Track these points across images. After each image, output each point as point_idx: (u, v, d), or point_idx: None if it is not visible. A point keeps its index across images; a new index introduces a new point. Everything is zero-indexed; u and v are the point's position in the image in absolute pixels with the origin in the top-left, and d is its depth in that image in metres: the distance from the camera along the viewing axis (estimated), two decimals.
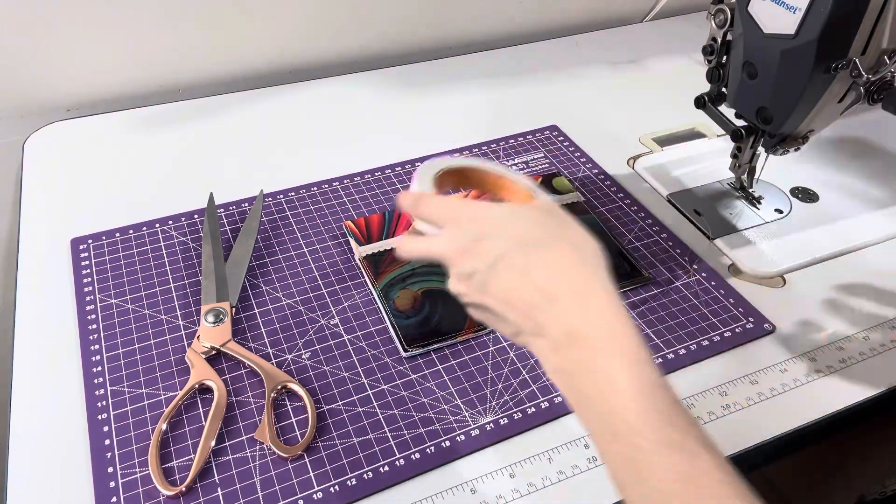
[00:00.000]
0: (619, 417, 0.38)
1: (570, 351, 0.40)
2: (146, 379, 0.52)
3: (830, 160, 0.75)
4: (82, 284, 0.59)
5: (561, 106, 0.85)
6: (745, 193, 0.69)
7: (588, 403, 0.39)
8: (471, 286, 0.43)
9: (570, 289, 0.41)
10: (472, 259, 0.43)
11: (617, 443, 0.38)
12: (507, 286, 0.42)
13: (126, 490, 0.45)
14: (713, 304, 0.58)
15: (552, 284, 0.41)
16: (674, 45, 0.99)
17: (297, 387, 0.51)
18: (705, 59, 0.62)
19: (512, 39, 1.00)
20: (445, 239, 0.45)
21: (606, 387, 0.39)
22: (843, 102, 0.56)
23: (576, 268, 0.42)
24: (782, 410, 0.51)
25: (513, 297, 0.42)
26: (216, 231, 0.62)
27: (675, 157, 0.76)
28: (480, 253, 0.42)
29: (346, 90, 0.87)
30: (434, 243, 0.45)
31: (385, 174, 0.73)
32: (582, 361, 0.39)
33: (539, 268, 0.41)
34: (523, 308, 0.41)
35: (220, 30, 0.84)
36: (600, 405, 0.39)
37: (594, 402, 0.39)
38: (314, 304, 0.58)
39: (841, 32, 0.50)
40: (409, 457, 0.48)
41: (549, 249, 0.42)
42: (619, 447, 0.38)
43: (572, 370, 0.40)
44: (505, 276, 0.42)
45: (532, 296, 0.41)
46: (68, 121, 0.81)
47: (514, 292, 0.42)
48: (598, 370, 0.39)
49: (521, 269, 0.42)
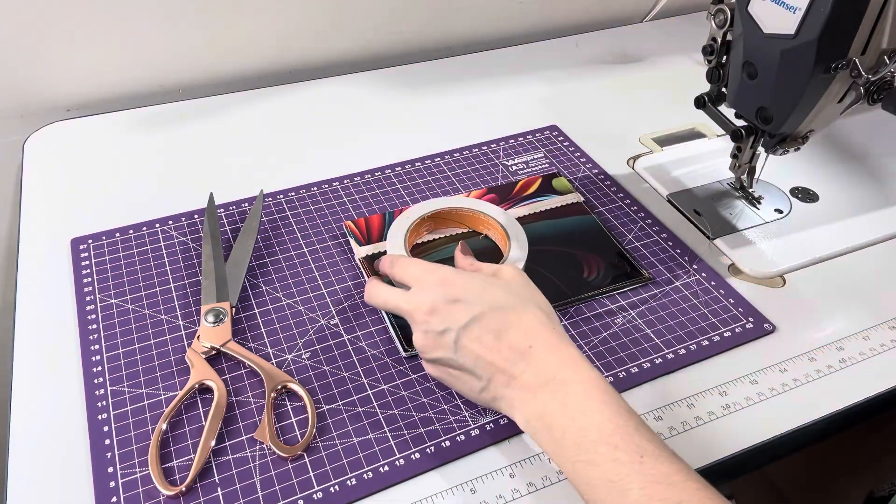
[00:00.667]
0: (596, 441, 0.41)
1: (543, 393, 0.44)
2: (146, 379, 0.52)
3: (830, 160, 0.75)
4: (82, 284, 0.59)
5: (561, 106, 0.85)
6: (745, 193, 0.69)
7: (563, 438, 0.42)
8: (440, 342, 0.47)
9: (543, 343, 0.45)
10: (444, 318, 0.46)
11: (595, 466, 0.40)
12: (482, 344, 0.46)
13: (126, 490, 0.45)
14: (713, 304, 0.58)
15: (525, 341, 0.45)
16: (674, 45, 0.99)
17: (297, 387, 0.51)
18: (705, 59, 0.62)
19: (512, 39, 1.00)
20: (417, 297, 0.48)
21: (581, 417, 0.42)
22: (843, 102, 0.56)
23: (546, 327, 0.46)
24: (782, 410, 0.51)
25: (486, 354, 0.46)
26: (216, 231, 0.62)
27: (675, 157, 0.76)
28: (453, 313, 0.46)
29: (346, 90, 0.87)
30: (403, 299, 0.49)
31: (385, 174, 0.73)
32: (556, 400, 0.43)
33: (514, 328, 0.46)
34: (497, 363, 0.45)
35: (220, 30, 0.84)
36: (576, 436, 0.42)
37: (569, 435, 0.42)
38: (314, 304, 0.58)
39: (841, 32, 0.50)
40: (409, 457, 0.48)
41: (522, 313, 0.47)
42: (598, 471, 0.40)
43: (545, 411, 0.43)
44: (478, 335, 0.46)
45: (506, 352, 0.45)
46: (68, 121, 0.81)
47: (488, 350, 0.46)
48: (572, 404, 0.43)
49: (495, 329, 0.46)
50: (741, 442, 0.49)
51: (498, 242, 0.62)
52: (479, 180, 0.72)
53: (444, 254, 0.62)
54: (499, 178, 0.72)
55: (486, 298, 0.47)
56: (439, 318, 0.46)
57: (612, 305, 0.58)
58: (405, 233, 0.60)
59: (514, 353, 0.45)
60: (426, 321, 0.47)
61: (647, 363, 0.54)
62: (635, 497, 0.38)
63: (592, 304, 0.58)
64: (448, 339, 0.46)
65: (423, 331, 0.47)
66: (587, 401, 0.42)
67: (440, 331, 0.46)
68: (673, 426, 0.50)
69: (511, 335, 0.46)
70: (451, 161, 0.75)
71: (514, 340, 0.45)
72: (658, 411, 0.51)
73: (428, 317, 0.47)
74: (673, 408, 0.51)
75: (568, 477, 0.42)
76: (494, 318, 0.46)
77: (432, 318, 0.47)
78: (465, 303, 0.47)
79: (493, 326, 0.46)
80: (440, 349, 0.47)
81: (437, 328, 0.46)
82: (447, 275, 0.49)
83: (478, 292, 0.48)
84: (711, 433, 0.49)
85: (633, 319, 0.57)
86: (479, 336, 0.46)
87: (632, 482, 0.39)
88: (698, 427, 0.50)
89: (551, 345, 0.45)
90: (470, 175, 0.73)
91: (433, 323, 0.47)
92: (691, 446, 0.49)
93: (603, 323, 0.57)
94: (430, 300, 0.47)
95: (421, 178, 0.72)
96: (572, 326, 0.56)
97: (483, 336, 0.46)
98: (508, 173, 0.73)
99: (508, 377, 0.45)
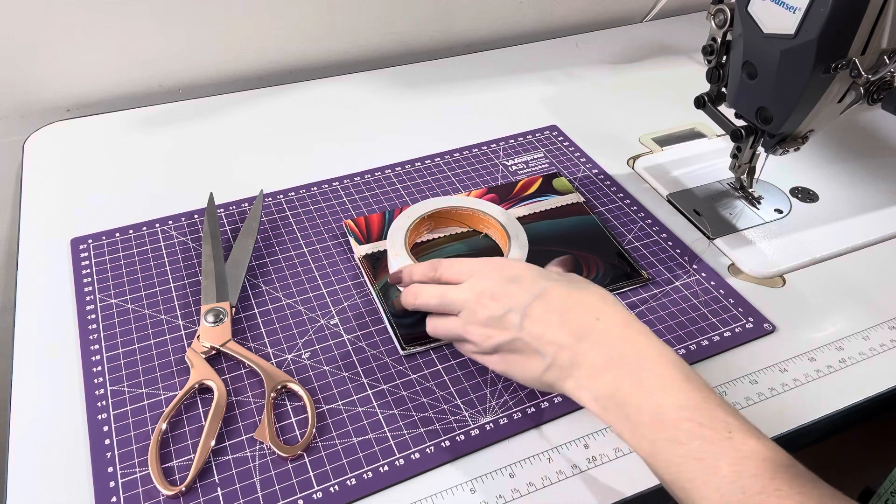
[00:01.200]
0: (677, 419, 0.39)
1: (615, 370, 0.42)
2: (146, 379, 0.52)
3: (830, 160, 0.75)
4: (82, 284, 0.59)
5: (561, 106, 0.85)
6: (744, 193, 0.69)
7: (638, 416, 0.40)
8: (504, 323, 0.45)
9: (611, 319, 0.44)
10: (506, 299, 0.46)
11: (680, 444, 0.38)
12: (546, 323, 0.44)
13: (126, 490, 0.45)
14: (713, 304, 0.58)
15: (592, 316, 0.44)
16: (674, 45, 0.99)
17: (297, 387, 0.51)
18: (705, 59, 0.62)
19: (512, 39, 1.00)
20: (476, 285, 0.48)
21: (659, 393, 0.40)
22: (843, 102, 0.56)
23: (613, 306, 0.45)
24: (782, 410, 0.51)
25: (550, 332, 0.44)
26: (216, 231, 0.62)
27: (675, 157, 0.76)
28: (515, 293, 0.46)
29: (346, 90, 0.87)
30: (453, 291, 0.48)
31: (385, 174, 0.73)
32: (630, 376, 0.41)
33: (578, 305, 0.45)
34: (561, 340, 0.44)
35: (220, 30, 0.84)
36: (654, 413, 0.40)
37: (645, 412, 0.40)
38: (314, 304, 0.58)
39: (841, 32, 0.50)
40: (408, 457, 0.48)
41: (585, 290, 0.46)
42: (683, 448, 0.38)
43: (617, 389, 0.41)
44: (542, 314, 0.45)
45: (573, 328, 0.44)
46: (68, 121, 0.81)
47: (554, 327, 0.44)
48: (646, 381, 0.41)
49: (559, 306, 0.45)
50: None
51: (498, 241, 0.62)
52: (479, 180, 0.72)
53: (444, 253, 0.62)
54: (499, 178, 0.72)
55: (547, 277, 0.47)
56: (501, 301, 0.46)
57: None
58: (405, 232, 0.60)
59: (581, 329, 0.44)
60: (487, 306, 0.46)
61: None
62: (725, 473, 0.37)
63: None
64: (512, 320, 0.45)
65: (486, 317, 0.46)
66: (663, 377, 0.41)
67: (502, 314, 0.45)
68: None
69: (576, 312, 0.44)
70: (451, 161, 0.75)
71: (579, 317, 0.44)
72: None
73: (490, 301, 0.46)
74: None
75: (643, 456, 0.40)
76: (558, 295, 0.45)
77: (494, 302, 0.46)
78: (527, 280, 0.46)
79: (557, 303, 0.45)
80: (503, 332, 0.46)
81: (499, 312, 0.45)
82: (501, 262, 0.49)
83: (536, 272, 0.47)
84: None
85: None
86: (543, 315, 0.45)
87: (720, 459, 0.37)
88: None
89: (619, 320, 0.44)
90: (470, 175, 0.73)
91: (494, 308, 0.46)
92: None
93: None
94: (491, 285, 0.47)
95: (421, 178, 0.72)
96: None
97: (546, 314, 0.45)
98: (508, 173, 0.73)
99: (574, 354, 0.43)
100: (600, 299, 0.45)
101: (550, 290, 0.45)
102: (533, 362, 0.45)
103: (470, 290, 0.48)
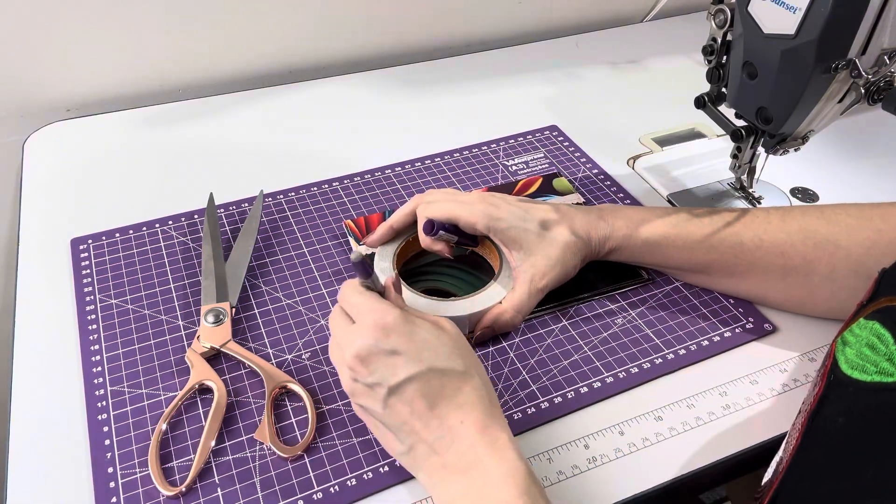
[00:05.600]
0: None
1: (464, 478, 0.41)
2: (146, 379, 0.52)
3: (830, 160, 0.75)
4: (82, 284, 0.59)
5: (561, 106, 0.85)
6: (745, 193, 0.69)
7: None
8: (369, 394, 0.43)
9: (475, 423, 0.42)
10: (377, 370, 0.43)
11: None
12: (412, 409, 0.42)
13: (126, 490, 0.45)
14: (713, 304, 0.58)
15: (458, 417, 0.42)
16: (674, 45, 0.99)
17: (297, 387, 0.51)
18: (705, 59, 0.62)
19: (512, 39, 1.00)
20: (351, 337, 0.44)
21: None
22: (843, 102, 0.56)
23: (482, 402, 0.43)
24: (782, 411, 0.51)
25: (414, 421, 0.43)
26: (216, 231, 0.62)
27: (675, 157, 0.76)
28: (389, 367, 0.43)
29: (346, 90, 0.87)
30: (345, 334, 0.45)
31: (385, 174, 0.73)
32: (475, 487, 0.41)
33: (448, 399, 0.43)
34: (423, 433, 0.42)
35: (221, 30, 0.84)
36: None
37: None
38: (314, 304, 0.58)
39: (841, 32, 0.50)
40: None
41: (462, 381, 0.43)
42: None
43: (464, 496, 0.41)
44: (411, 399, 0.42)
45: (435, 424, 0.42)
46: (68, 121, 0.81)
47: (418, 417, 0.42)
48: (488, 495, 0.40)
49: (430, 395, 0.42)
50: (741, 442, 0.49)
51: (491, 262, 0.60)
52: (479, 180, 0.72)
53: (430, 260, 0.61)
54: (499, 178, 0.72)
55: (428, 356, 0.43)
56: (372, 369, 0.43)
57: (612, 305, 0.58)
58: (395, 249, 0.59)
59: (442, 428, 0.42)
60: (356, 369, 0.43)
61: (647, 363, 0.54)
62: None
63: (592, 305, 0.58)
64: (378, 394, 0.43)
65: (352, 378, 0.44)
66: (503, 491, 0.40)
67: (370, 383, 0.43)
68: (673, 426, 0.50)
69: (444, 406, 0.42)
70: (451, 161, 0.75)
71: (447, 413, 0.42)
72: (658, 411, 0.51)
73: (359, 365, 0.43)
74: (673, 408, 0.51)
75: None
76: (431, 383, 0.42)
77: (363, 368, 0.43)
78: (405, 357, 0.42)
79: (429, 392, 0.42)
80: (368, 399, 0.44)
81: (368, 379, 0.43)
82: (390, 320, 0.43)
83: (420, 347, 0.43)
84: (712, 433, 0.49)
85: (633, 319, 0.57)
86: (412, 399, 0.42)
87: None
88: (698, 427, 0.50)
89: (482, 425, 0.42)
90: (470, 175, 0.73)
91: (363, 373, 0.43)
92: (691, 447, 0.49)
93: (603, 323, 0.57)
94: (366, 345, 0.43)
95: (421, 178, 0.72)
96: (572, 326, 0.56)
97: (415, 400, 0.42)
98: (508, 173, 0.73)
99: (431, 451, 0.42)
100: (474, 393, 0.43)
101: (424, 378, 0.42)
102: (391, 442, 0.44)
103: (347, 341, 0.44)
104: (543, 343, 0.55)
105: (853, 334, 0.38)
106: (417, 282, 0.59)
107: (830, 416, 0.36)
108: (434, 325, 0.45)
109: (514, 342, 0.55)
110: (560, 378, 0.53)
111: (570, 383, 0.52)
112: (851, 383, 0.36)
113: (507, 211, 0.55)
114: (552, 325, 0.56)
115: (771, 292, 0.56)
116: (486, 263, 0.60)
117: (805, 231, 0.53)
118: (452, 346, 0.45)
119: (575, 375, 0.53)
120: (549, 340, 0.55)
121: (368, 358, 0.43)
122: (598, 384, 0.52)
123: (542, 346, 0.55)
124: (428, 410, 0.42)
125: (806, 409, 0.39)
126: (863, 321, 0.37)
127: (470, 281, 0.59)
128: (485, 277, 0.58)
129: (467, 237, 0.57)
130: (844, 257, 0.51)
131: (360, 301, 0.46)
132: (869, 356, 0.35)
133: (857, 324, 0.38)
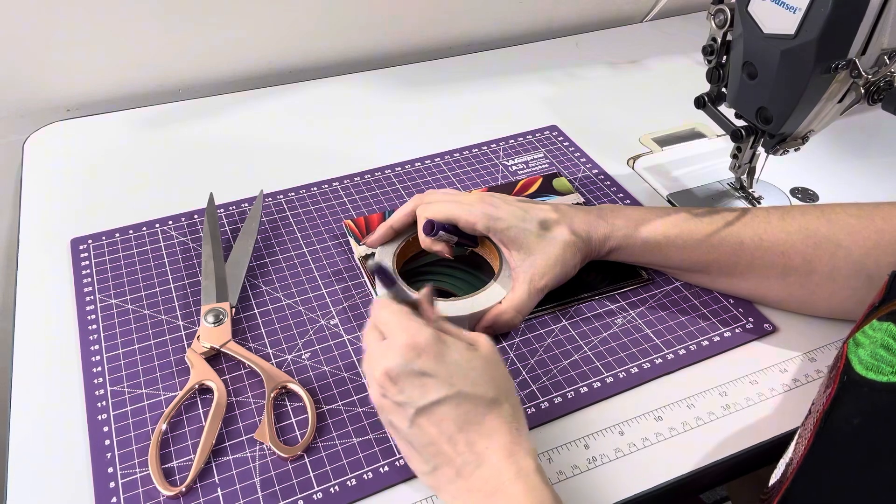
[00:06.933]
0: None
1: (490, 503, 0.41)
2: (146, 379, 0.52)
3: (830, 160, 0.75)
4: (82, 284, 0.59)
5: (561, 106, 0.85)
6: (745, 193, 0.69)
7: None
8: (396, 411, 0.43)
9: (501, 449, 0.42)
10: (406, 390, 0.42)
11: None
12: (440, 431, 0.42)
13: (126, 490, 0.45)
14: (713, 304, 0.58)
15: (484, 443, 0.42)
16: (674, 45, 0.99)
17: (297, 387, 0.51)
18: (705, 59, 0.62)
19: (512, 39, 1.00)
20: (382, 354, 0.43)
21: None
22: (843, 102, 0.56)
23: (509, 429, 0.42)
24: (782, 411, 0.51)
25: (441, 443, 0.42)
26: (216, 231, 0.62)
27: (675, 157, 0.76)
28: (418, 388, 0.42)
29: (346, 90, 0.87)
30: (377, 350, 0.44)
31: (385, 174, 0.73)
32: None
33: (476, 424, 0.42)
34: (449, 455, 0.42)
35: (220, 30, 0.84)
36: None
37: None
38: (314, 304, 0.58)
39: (841, 32, 0.50)
40: None
41: (490, 408, 0.42)
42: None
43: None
44: (439, 420, 0.42)
45: (462, 448, 0.42)
46: (68, 121, 0.81)
47: (445, 439, 0.42)
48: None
49: (459, 419, 0.42)
50: (741, 442, 0.49)
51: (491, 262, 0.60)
52: (479, 180, 0.72)
53: (430, 260, 0.61)
54: (499, 178, 0.72)
55: (459, 381, 0.42)
56: (401, 388, 0.42)
57: (612, 305, 0.58)
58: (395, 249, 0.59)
59: (469, 452, 0.42)
60: (385, 386, 0.43)
61: (647, 363, 0.54)
62: None
63: (592, 305, 0.58)
64: (406, 413, 0.42)
65: (381, 393, 0.43)
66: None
67: (399, 401, 0.42)
68: (673, 427, 0.50)
69: (472, 432, 0.42)
70: (451, 161, 0.75)
71: (475, 440, 0.42)
72: (658, 411, 0.51)
73: (388, 382, 0.42)
74: (673, 408, 0.51)
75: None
76: (461, 408, 0.42)
77: (392, 386, 0.42)
78: (435, 379, 0.42)
79: (457, 416, 0.42)
80: (395, 416, 0.43)
81: (397, 398, 0.42)
82: (421, 340, 0.43)
83: (451, 371, 0.42)
84: (712, 433, 0.49)
85: (633, 319, 0.57)
86: (440, 422, 0.42)
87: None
88: (699, 427, 0.50)
89: (509, 451, 0.41)
90: (470, 175, 0.73)
91: (392, 391, 0.42)
92: (691, 447, 0.49)
93: (603, 323, 0.57)
94: (397, 365, 0.42)
95: (421, 178, 0.72)
96: (572, 326, 0.56)
97: (443, 423, 0.42)
98: (508, 173, 0.73)
99: (457, 474, 0.42)
100: (502, 420, 0.42)
101: (453, 402, 0.42)
102: (415, 459, 0.44)
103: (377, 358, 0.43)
104: (543, 343, 0.55)
105: (866, 336, 0.38)
106: (417, 282, 0.59)
107: (845, 417, 0.36)
108: (467, 347, 0.44)
109: (514, 342, 0.55)
110: (560, 378, 0.53)
111: (570, 383, 0.52)
112: (866, 384, 0.36)
113: (506, 211, 0.55)
114: (552, 325, 0.56)
115: (771, 292, 0.56)
116: (486, 263, 0.60)
117: (805, 230, 0.53)
118: (483, 369, 0.44)
119: (575, 375, 0.53)
120: (549, 340, 0.55)
121: (398, 377, 0.42)
122: (598, 384, 0.52)
123: (542, 346, 0.55)
124: (455, 434, 0.42)
125: (817, 410, 0.39)
126: (876, 323, 0.38)
127: (470, 281, 0.59)
128: (485, 277, 0.58)
129: (467, 237, 0.57)
130: (845, 257, 0.51)
131: (391, 318, 0.45)
132: (884, 357, 0.36)
133: (871, 325, 0.38)
